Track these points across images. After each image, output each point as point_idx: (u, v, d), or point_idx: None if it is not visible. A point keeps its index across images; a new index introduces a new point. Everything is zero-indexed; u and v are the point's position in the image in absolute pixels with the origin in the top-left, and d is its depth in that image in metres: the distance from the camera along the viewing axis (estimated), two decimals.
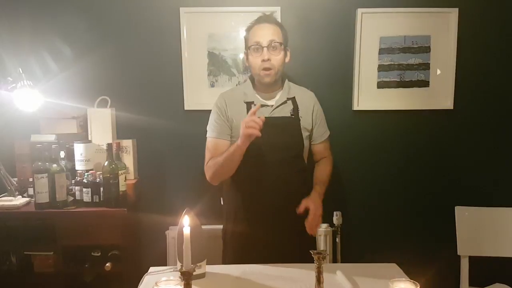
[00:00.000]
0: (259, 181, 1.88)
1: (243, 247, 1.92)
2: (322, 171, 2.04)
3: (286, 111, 1.92)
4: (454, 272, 2.39)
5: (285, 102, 1.92)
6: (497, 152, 2.66)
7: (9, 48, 2.49)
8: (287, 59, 1.92)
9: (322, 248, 2.16)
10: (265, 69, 1.85)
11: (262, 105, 1.89)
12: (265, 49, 1.83)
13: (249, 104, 1.90)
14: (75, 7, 2.51)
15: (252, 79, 1.99)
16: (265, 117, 1.84)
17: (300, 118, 1.93)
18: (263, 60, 1.83)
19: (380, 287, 1.45)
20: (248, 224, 1.91)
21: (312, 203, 1.86)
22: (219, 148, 1.89)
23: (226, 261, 2.00)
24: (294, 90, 1.98)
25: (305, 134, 1.94)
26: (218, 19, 2.52)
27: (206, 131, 1.98)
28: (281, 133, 1.88)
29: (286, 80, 1.99)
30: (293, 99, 1.94)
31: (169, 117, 2.59)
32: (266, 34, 1.85)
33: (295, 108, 1.93)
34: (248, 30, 1.92)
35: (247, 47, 1.91)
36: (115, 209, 2.21)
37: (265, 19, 1.92)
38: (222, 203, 2.10)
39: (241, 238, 1.93)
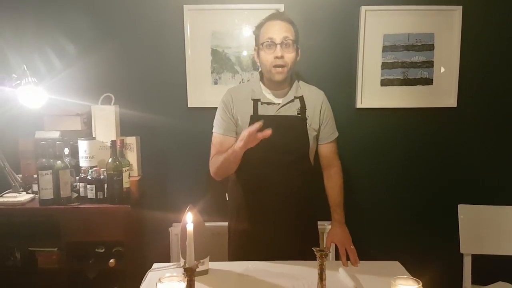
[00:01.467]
0: (262, 181, 1.88)
1: (246, 244, 1.93)
2: (335, 189, 1.99)
3: (293, 110, 1.89)
4: (456, 270, 2.39)
5: (292, 101, 1.89)
6: (500, 150, 2.65)
7: (13, 45, 2.50)
8: (298, 57, 1.88)
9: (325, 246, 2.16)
10: (278, 66, 1.80)
11: (269, 103, 1.88)
12: (278, 46, 1.79)
13: (255, 102, 1.88)
14: (79, 4, 2.52)
15: (261, 74, 1.95)
16: (271, 116, 1.86)
17: (307, 117, 1.89)
18: (276, 57, 1.79)
19: (383, 285, 1.45)
20: (250, 222, 1.92)
21: (337, 240, 1.88)
22: (224, 144, 1.89)
23: (230, 256, 2.01)
24: (303, 89, 1.94)
25: (312, 134, 1.91)
26: (222, 16, 2.52)
27: (210, 128, 1.98)
28: (286, 133, 1.85)
29: (296, 79, 1.95)
30: (300, 98, 1.90)
31: (172, 114, 2.60)
32: (279, 30, 1.80)
33: (302, 107, 1.89)
34: (260, 26, 1.87)
35: (259, 44, 1.86)
36: (118, 206, 2.21)
37: (278, 16, 1.87)
38: (227, 198, 2.10)
39: (244, 235, 1.94)
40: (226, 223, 2.08)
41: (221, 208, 2.25)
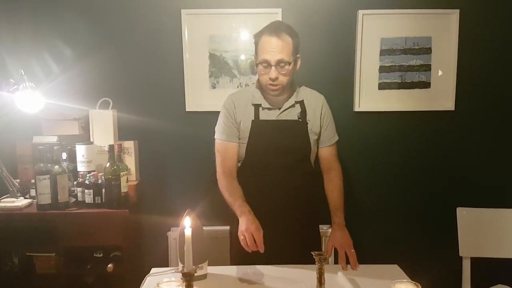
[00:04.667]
0: (264, 184, 1.88)
1: None
2: (335, 193, 1.98)
3: (293, 114, 1.90)
4: (455, 274, 2.38)
5: (292, 106, 1.90)
6: (498, 153, 2.66)
7: (11, 49, 2.50)
8: (297, 67, 1.87)
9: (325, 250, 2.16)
10: (272, 85, 1.81)
11: (270, 108, 1.89)
12: (273, 68, 1.77)
13: (257, 107, 1.89)
14: (77, 8, 2.52)
15: (259, 83, 1.94)
16: (272, 120, 1.87)
17: (308, 121, 1.90)
18: (271, 79, 1.79)
19: None
20: None
21: (337, 244, 1.87)
22: (228, 150, 1.90)
23: (233, 260, 2.00)
24: (303, 93, 1.95)
25: (313, 138, 1.92)
26: (219, 20, 2.52)
27: (208, 132, 1.98)
28: (288, 137, 1.86)
29: (297, 86, 1.95)
30: (301, 103, 1.91)
31: (170, 118, 2.59)
32: (275, 52, 1.76)
33: (303, 112, 1.90)
34: (259, 36, 1.83)
35: (256, 60, 1.85)
36: (116, 211, 2.21)
37: (276, 29, 1.79)
38: None
39: None
40: (225, 227, 2.08)
41: (220, 212, 2.24)
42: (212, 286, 1.59)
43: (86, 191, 2.24)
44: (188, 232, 1.28)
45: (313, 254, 1.38)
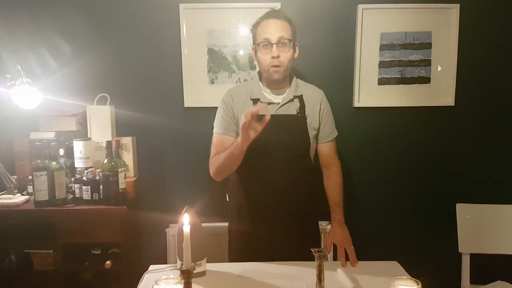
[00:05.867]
0: (264, 180, 1.87)
1: (247, 244, 1.91)
2: (335, 189, 1.99)
3: (292, 109, 1.89)
4: (455, 270, 2.38)
5: (291, 100, 1.89)
6: (498, 149, 2.65)
7: (8, 45, 2.48)
8: (295, 55, 1.89)
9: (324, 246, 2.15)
10: (274, 66, 1.82)
11: (269, 103, 1.88)
12: (274, 46, 1.80)
13: (255, 101, 1.89)
14: (75, 4, 2.50)
15: (260, 75, 1.96)
16: (271, 115, 1.85)
17: (307, 116, 1.90)
18: (273, 57, 1.80)
19: (382, 285, 1.44)
20: (251, 222, 1.90)
21: (336, 240, 1.86)
22: (225, 144, 1.88)
23: (231, 257, 1.99)
24: (302, 87, 1.95)
25: (312, 133, 1.91)
26: (218, 15, 2.51)
27: (206, 128, 1.97)
28: (287, 132, 1.86)
29: (294, 78, 1.95)
30: (300, 97, 1.91)
31: (169, 114, 2.58)
32: (275, 30, 1.81)
33: (302, 107, 1.90)
34: (256, 25, 1.88)
35: (256, 44, 1.87)
36: (114, 207, 2.19)
37: (274, 14, 1.87)
38: (227, 199, 2.09)
39: (245, 235, 1.92)
40: (223, 224, 2.07)
41: (218, 208, 2.24)
42: (211, 283, 1.58)
43: (83, 187, 2.22)
44: (186, 229, 1.27)
45: (313, 250, 1.37)
